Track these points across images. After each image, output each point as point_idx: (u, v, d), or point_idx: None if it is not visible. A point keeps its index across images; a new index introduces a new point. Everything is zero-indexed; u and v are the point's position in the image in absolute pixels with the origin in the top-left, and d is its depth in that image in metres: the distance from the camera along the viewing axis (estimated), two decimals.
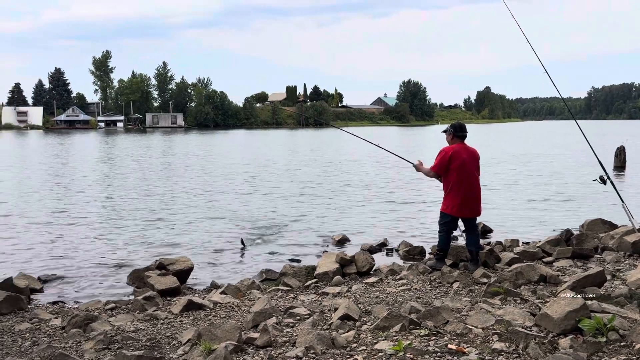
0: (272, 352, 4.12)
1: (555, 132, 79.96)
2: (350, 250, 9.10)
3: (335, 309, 5.17)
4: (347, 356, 3.95)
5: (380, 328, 4.51)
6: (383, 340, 4.25)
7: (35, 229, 11.33)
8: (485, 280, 6.48)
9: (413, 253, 8.94)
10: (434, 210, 12.69)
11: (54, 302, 6.72)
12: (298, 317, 5.01)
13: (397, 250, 9.25)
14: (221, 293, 6.25)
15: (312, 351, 4.03)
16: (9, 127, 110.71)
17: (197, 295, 6.63)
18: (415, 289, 6.25)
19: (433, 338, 4.24)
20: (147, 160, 31.64)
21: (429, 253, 9.00)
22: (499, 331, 4.35)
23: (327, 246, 9.63)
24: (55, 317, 5.85)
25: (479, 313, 4.76)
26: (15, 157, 34.79)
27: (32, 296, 6.94)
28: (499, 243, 9.03)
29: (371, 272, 7.36)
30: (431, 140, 48.95)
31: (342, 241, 9.84)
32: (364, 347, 4.09)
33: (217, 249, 9.32)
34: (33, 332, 5.26)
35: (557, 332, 4.23)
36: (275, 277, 7.37)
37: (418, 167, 7.00)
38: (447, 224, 6.91)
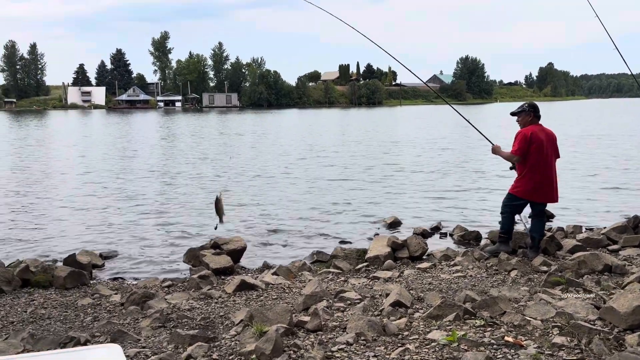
0: (323, 336, 4.10)
1: (623, 110, 75.63)
2: (402, 234, 8.97)
3: (387, 295, 5.09)
4: (399, 344, 3.88)
5: (434, 317, 4.40)
6: (436, 329, 4.14)
7: (96, 208, 11.82)
8: (545, 268, 6.21)
9: (468, 238, 8.71)
10: (489, 197, 12.32)
11: (114, 278, 6.99)
12: (349, 302, 4.97)
13: (451, 235, 9.03)
14: (273, 274, 6.30)
15: (362, 337, 3.98)
16: (74, 106, 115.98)
17: (249, 274, 6.72)
18: (470, 276, 6.07)
19: (489, 329, 4.09)
20: (204, 140, 32.36)
21: (485, 238, 8.75)
22: (559, 324, 4.15)
23: (379, 229, 9.53)
24: (115, 293, 6.08)
25: (538, 304, 4.56)
26: (80, 136, 36.43)
27: (93, 272, 7.24)
28: (560, 229, 8.60)
29: (424, 257, 7.22)
30: (489, 118, 47.48)
31: (394, 224, 9.71)
32: (416, 336, 4.00)
33: (269, 230, 9.40)
34: (94, 308, 5.48)
35: (623, 327, 3.99)
36: (326, 259, 7.36)
37: (496, 150, 6.69)
38: (514, 207, 6.61)
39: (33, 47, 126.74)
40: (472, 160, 18.67)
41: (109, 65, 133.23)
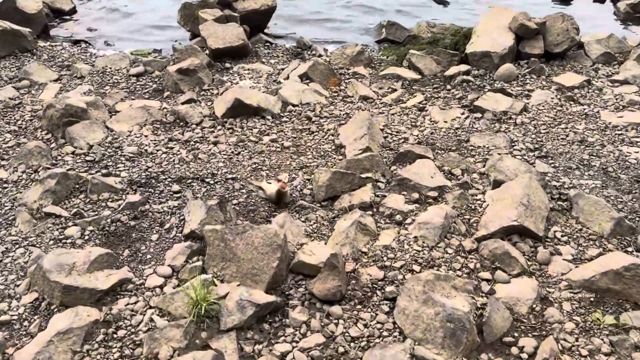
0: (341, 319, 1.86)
1: None
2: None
3: (491, 199, 2.55)
4: None
5: (597, 304, 1.96)
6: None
7: None
8: None
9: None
10: None
11: (76, 42, 4.65)
12: (412, 213, 2.50)
13: (614, 2, 5.61)
14: (302, 77, 3.71)
15: None
16: None
17: (270, 63, 4.14)
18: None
19: None
20: None
21: None
22: None
23: None
24: (55, 81, 3.86)
25: None
26: None
27: (53, 24, 4.92)
28: None
29: (570, 52, 4.22)
30: None
31: None
32: None
33: None
34: (6, 115, 3.36)
35: None
36: (400, 39, 4.53)
37: None
38: None
39: None
40: None
41: None
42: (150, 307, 1.94)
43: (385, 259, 2.15)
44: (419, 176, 2.58)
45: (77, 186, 2.63)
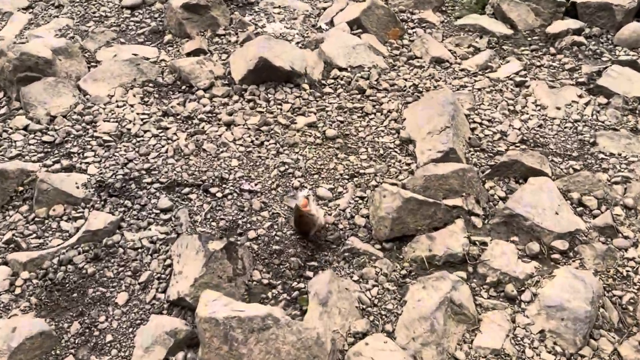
0: None
1: None
2: None
3: None
4: None
5: None
6: None
7: None
8: None
9: None
10: None
11: None
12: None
13: None
14: (353, 27, 2.70)
15: None
16: None
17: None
18: None
19: None
20: None
21: None
22: None
23: None
24: (24, 10, 2.91)
25: None
26: None
27: None
28: None
29: None
30: None
31: None
32: None
33: None
34: None
35: None
36: None
37: None
38: None
39: None
40: None
41: None
42: None
43: None
44: (538, 212, 1.66)
45: (21, 190, 1.77)
